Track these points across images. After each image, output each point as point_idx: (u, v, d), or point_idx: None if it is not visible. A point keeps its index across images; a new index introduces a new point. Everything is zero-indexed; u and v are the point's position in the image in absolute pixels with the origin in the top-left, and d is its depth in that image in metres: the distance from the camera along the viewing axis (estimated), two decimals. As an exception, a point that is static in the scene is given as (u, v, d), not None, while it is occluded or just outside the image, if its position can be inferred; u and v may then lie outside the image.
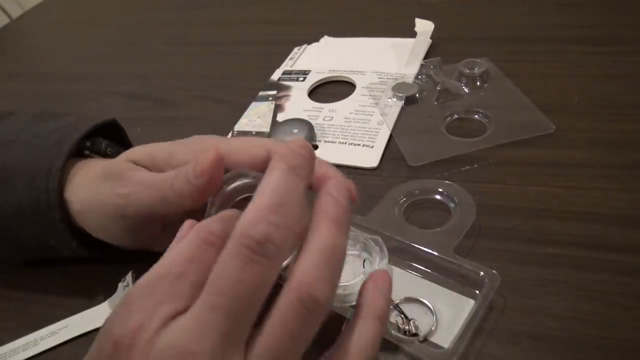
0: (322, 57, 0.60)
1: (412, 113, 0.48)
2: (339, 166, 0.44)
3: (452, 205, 0.37)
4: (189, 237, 0.23)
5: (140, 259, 0.38)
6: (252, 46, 0.66)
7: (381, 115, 0.48)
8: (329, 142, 0.47)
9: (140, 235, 0.34)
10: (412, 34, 0.57)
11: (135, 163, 0.33)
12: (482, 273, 0.31)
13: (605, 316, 0.29)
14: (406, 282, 0.33)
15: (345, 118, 0.49)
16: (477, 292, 0.31)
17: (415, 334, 0.30)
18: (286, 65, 0.59)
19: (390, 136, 0.46)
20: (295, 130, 0.47)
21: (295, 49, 0.62)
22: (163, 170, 0.32)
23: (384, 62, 0.56)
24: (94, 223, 0.34)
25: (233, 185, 0.29)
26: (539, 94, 0.46)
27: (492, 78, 0.49)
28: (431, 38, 0.56)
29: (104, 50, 0.75)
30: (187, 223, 0.25)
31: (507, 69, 0.50)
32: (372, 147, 0.45)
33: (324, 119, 0.50)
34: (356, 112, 0.50)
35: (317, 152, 0.46)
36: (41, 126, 0.38)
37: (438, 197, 0.38)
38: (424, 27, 0.57)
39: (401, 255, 0.34)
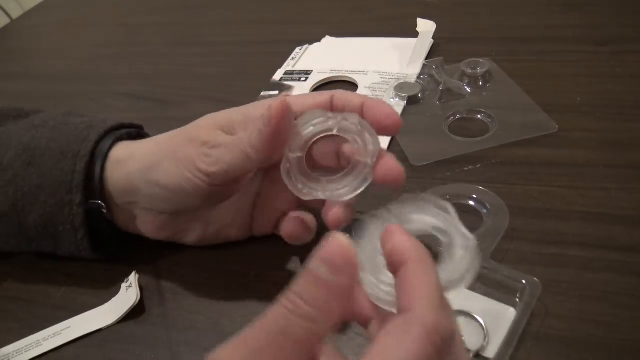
0: (324, 57, 0.60)
1: (415, 113, 0.48)
2: (341, 166, 0.44)
3: (484, 210, 0.36)
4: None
5: (143, 260, 0.39)
6: (254, 46, 0.66)
7: (383, 115, 0.48)
8: (331, 142, 0.47)
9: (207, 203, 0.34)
10: (414, 34, 0.57)
11: (217, 128, 0.33)
12: (524, 281, 0.31)
13: (610, 316, 0.29)
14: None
15: (348, 118, 0.49)
16: (517, 299, 0.30)
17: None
18: (288, 65, 0.59)
19: (393, 136, 0.46)
20: None
21: (297, 49, 0.62)
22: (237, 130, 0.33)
23: (386, 62, 0.56)
24: (166, 197, 0.34)
25: (309, 130, 0.31)
26: (541, 94, 0.46)
27: (494, 78, 0.49)
28: (433, 38, 0.56)
29: (104, 50, 0.75)
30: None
31: (510, 69, 0.50)
32: (375, 147, 0.45)
33: (326, 119, 0.50)
34: (358, 112, 0.50)
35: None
36: (71, 118, 0.39)
37: (470, 202, 0.37)
38: (426, 27, 0.57)
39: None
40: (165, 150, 0.34)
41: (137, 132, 0.40)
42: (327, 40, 0.63)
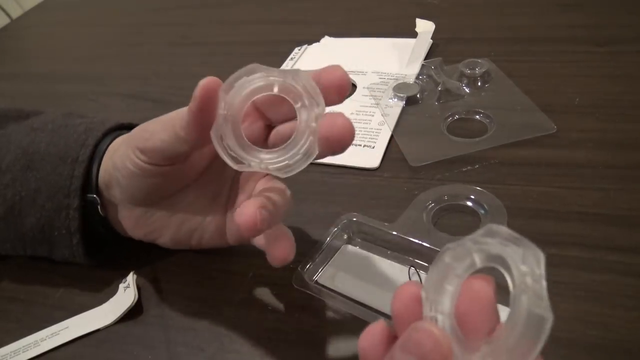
0: (322, 57, 0.60)
1: (413, 113, 0.48)
2: (340, 167, 0.44)
3: (482, 211, 0.36)
4: None
5: (141, 261, 0.39)
6: (253, 46, 0.66)
7: (382, 115, 0.48)
8: (330, 142, 0.47)
9: (162, 190, 0.34)
10: (413, 34, 0.57)
11: None
12: None
13: (607, 317, 0.29)
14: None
15: (346, 118, 0.49)
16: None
17: None
18: (287, 66, 0.59)
19: (391, 136, 0.46)
20: None
21: (296, 50, 0.62)
22: None
23: (385, 63, 0.56)
24: (121, 182, 0.33)
25: (244, 86, 0.27)
26: (540, 94, 0.46)
27: (493, 78, 0.49)
28: (432, 38, 0.56)
29: (104, 50, 0.75)
30: None
31: (508, 69, 0.50)
32: (373, 147, 0.45)
33: (324, 120, 0.49)
34: (357, 112, 0.50)
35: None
36: (70, 120, 0.39)
37: (468, 203, 0.37)
38: (425, 27, 0.57)
39: (431, 262, 0.33)
40: (115, 159, 0.34)
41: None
42: (326, 40, 0.63)
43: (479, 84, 0.49)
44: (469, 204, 0.37)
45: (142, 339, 0.34)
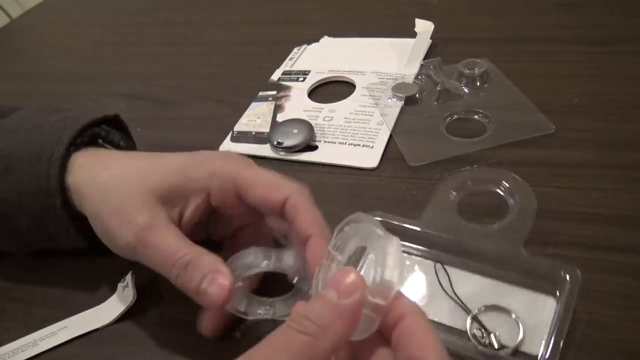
0: (322, 57, 0.60)
1: (412, 113, 0.48)
2: (339, 166, 0.44)
3: (508, 197, 0.35)
4: None
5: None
6: (252, 46, 0.66)
7: (381, 115, 0.48)
8: (328, 142, 0.47)
9: None
10: (412, 34, 0.57)
11: (153, 195, 0.32)
12: (561, 271, 0.29)
13: (605, 317, 0.29)
14: (478, 287, 0.31)
15: (345, 118, 0.49)
16: (557, 290, 0.29)
17: (498, 347, 0.28)
18: (286, 66, 0.59)
19: (390, 136, 0.46)
20: (295, 131, 0.47)
21: (295, 49, 0.62)
22: (175, 200, 0.32)
23: (383, 63, 0.56)
24: (95, 228, 0.33)
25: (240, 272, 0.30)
26: (539, 95, 0.46)
27: (492, 78, 0.49)
28: (431, 38, 0.56)
29: (104, 50, 0.75)
30: None
31: (507, 70, 0.50)
32: (372, 147, 0.45)
33: (323, 119, 0.50)
34: (356, 112, 0.50)
35: (317, 152, 0.46)
36: (45, 117, 0.38)
37: (491, 187, 0.36)
38: (424, 27, 0.57)
39: (465, 256, 0.33)
40: (97, 205, 0.33)
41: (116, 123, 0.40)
42: (325, 40, 0.63)
43: (478, 84, 0.49)
44: (491, 187, 0.36)
45: (141, 339, 0.34)
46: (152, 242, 0.30)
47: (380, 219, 0.36)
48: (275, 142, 0.46)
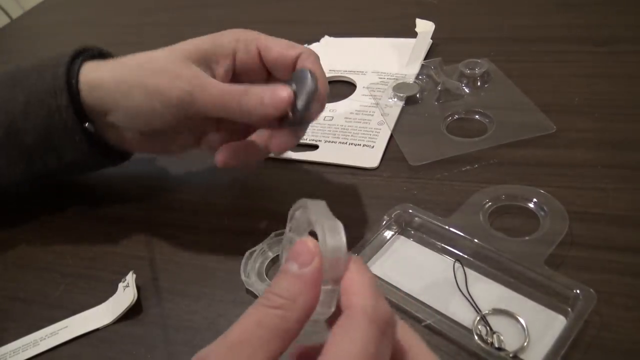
0: (322, 57, 0.59)
1: (413, 113, 0.48)
2: (339, 166, 0.44)
3: (541, 213, 0.35)
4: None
5: (140, 260, 0.39)
6: (253, 46, 0.66)
7: (382, 115, 0.48)
8: (329, 142, 0.47)
9: (164, 134, 0.37)
10: (413, 34, 0.57)
11: (190, 58, 0.35)
12: (577, 290, 0.30)
13: (607, 317, 0.29)
14: (492, 292, 0.32)
15: (346, 118, 0.49)
16: (569, 308, 0.30)
17: (499, 348, 0.29)
18: (286, 66, 0.59)
19: (391, 136, 0.46)
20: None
21: (296, 49, 0.62)
22: (209, 63, 0.36)
23: (384, 62, 0.56)
24: (132, 103, 0.35)
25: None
26: (539, 94, 0.46)
27: (492, 78, 0.49)
28: (432, 38, 0.56)
29: (104, 50, 0.75)
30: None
31: (508, 69, 0.50)
32: (373, 147, 0.45)
33: (324, 119, 0.50)
34: (357, 112, 0.50)
35: (318, 152, 0.46)
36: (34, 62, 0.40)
37: (527, 204, 0.36)
38: (425, 27, 0.57)
39: (486, 262, 0.33)
40: (135, 77, 0.36)
41: (99, 53, 0.42)
42: (326, 40, 0.63)
43: (479, 83, 0.49)
44: (527, 204, 0.36)
45: (142, 338, 0.34)
46: (208, 84, 0.34)
47: (411, 210, 0.37)
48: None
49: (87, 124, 0.37)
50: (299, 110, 0.33)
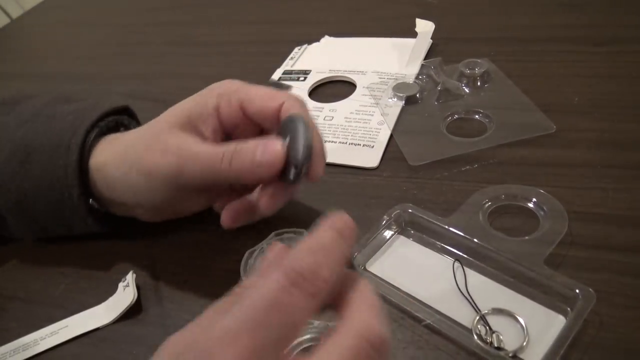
0: (322, 57, 0.60)
1: (413, 113, 0.48)
2: (339, 166, 0.44)
3: (541, 213, 0.36)
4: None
5: (140, 260, 0.39)
6: (253, 46, 0.66)
7: (382, 115, 0.48)
8: (329, 142, 0.47)
9: (172, 202, 0.36)
10: (413, 34, 0.57)
11: (176, 126, 0.34)
12: (577, 290, 0.30)
13: (607, 317, 0.29)
14: (491, 292, 0.32)
15: (346, 118, 0.49)
16: (568, 308, 0.30)
17: (499, 348, 0.29)
18: (287, 65, 0.59)
19: (391, 136, 0.46)
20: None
21: (296, 49, 0.62)
22: (195, 125, 0.35)
23: (384, 62, 0.56)
24: (131, 182, 0.35)
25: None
26: (539, 94, 0.46)
27: (492, 78, 0.49)
28: (432, 38, 0.56)
29: (104, 50, 0.75)
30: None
31: (508, 69, 0.50)
32: (373, 147, 0.45)
33: (324, 119, 0.50)
34: (357, 112, 0.50)
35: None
36: (59, 107, 0.39)
37: (527, 204, 0.36)
38: (425, 27, 0.57)
39: (485, 262, 0.33)
40: (132, 157, 0.35)
41: (122, 116, 0.41)
42: (326, 40, 0.63)
43: (479, 83, 0.49)
44: (527, 204, 0.36)
45: (142, 338, 0.34)
46: (194, 152, 0.32)
47: (410, 210, 0.37)
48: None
49: (95, 204, 0.37)
50: (300, 160, 0.30)
